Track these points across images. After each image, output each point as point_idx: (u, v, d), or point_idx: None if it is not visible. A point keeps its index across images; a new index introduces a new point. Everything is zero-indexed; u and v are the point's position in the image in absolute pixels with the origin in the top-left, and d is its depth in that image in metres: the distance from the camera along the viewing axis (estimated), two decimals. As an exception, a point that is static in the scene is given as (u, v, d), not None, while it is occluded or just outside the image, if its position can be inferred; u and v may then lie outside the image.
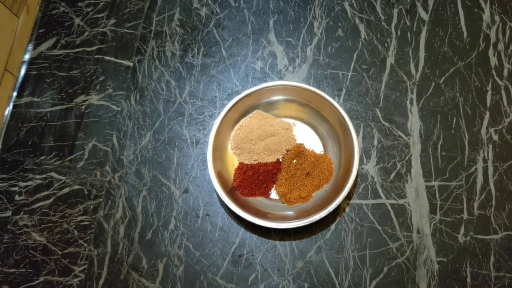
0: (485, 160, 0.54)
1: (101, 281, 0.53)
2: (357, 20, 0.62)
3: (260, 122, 0.56)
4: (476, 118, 0.56)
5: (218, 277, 0.52)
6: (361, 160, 0.55)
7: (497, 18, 0.61)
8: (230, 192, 0.52)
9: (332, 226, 0.53)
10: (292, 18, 0.63)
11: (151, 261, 0.53)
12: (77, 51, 0.64)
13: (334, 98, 0.54)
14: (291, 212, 0.52)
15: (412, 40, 0.61)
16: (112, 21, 0.65)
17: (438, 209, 0.52)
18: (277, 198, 0.54)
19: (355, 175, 0.50)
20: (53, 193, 0.57)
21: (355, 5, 0.63)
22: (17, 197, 0.57)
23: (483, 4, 0.61)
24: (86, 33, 0.65)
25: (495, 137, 0.55)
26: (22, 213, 0.56)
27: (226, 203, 0.50)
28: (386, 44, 0.61)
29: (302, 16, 0.63)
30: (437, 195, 0.53)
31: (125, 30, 0.64)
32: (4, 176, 0.58)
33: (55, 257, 0.54)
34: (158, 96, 0.61)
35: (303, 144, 0.55)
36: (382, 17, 0.62)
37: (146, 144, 0.58)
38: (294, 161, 0.54)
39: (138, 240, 0.54)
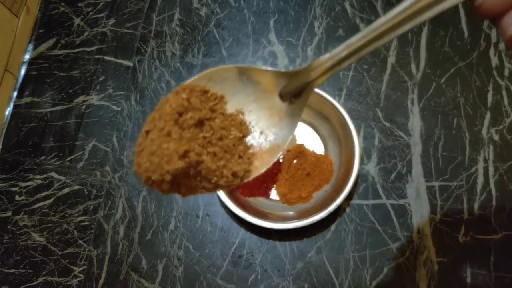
0: (485, 160, 0.54)
1: (101, 282, 0.53)
2: (357, 20, 0.62)
3: (260, 122, 0.55)
4: (477, 118, 0.56)
5: (218, 278, 0.52)
6: (361, 160, 0.55)
7: (498, 17, 0.61)
8: (230, 193, 0.52)
9: (333, 227, 0.53)
10: (293, 18, 0.63)
11: (150, 261, 0.53)
12: (77, 51, 0.64)
13: (334, 98, 0.53)
14: (291, 213, 0.52)
15: (412, 40, 0.60)
16: (112, 21, 0.65)
17: (438, 209, 0.52)
18: (277, 198, 0.54)
19: (355, 175, 0.49)
20: (53, 193, 0.57)
21: (355, 5, 0.63)
22: (17, 197, 0.57)
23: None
24: (86, 33, 0.65)
25: (496, 137, 0.55)
26: (22, 213, 0.56)
27: (226, 204, 0.50)
28: (386, 44, 0.60)
29: (302, 16, 0.63)
30: (438, 195, 0.53)
31: (125, 30, 0.64)
32: (4, 176, 0.58)
33: (55, 257, 0.54)
34: (158, 96, 0.61)
35: (303, 145, 0.55)
36: (383, 17, 0.62)
37: (146, 144, 0.58)
38: (295, 161, 0.54)
39: (138, 241, 0.54)
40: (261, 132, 0.25)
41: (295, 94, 0.25)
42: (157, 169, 0.22)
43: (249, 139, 0.25)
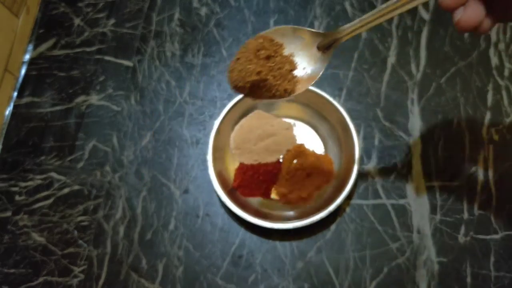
0: (485, 160, 0.54)
1: (101, 282, 0.53)
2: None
3: (260, 122, 0.56)
4: (477, 118, 0.56)
5: (218, 278, 0.52)
6: (361, 160, 0.55)
7: (498, 17, 0.61)
8: (230, 193, 0.52)
9: (333, 226, 0.53)
10: (293, 18, 0.63)
11: (150, 261, 0.53)
12: (77, 51, 0.64)
13: (334, 98, 0.53)
14: (291, 213, 0.52)
15: (413, 40, 0.60)
16: (112, 21, 0.65)
17: (438, 209, 0.52)
18: (278, 198, 0.54)
19: (355, 175, 0.50)
20: (53, 193, 0.57)
21: (355, 4, 0.63)
22: (17, 197, 0.57)
23: (484, 4, 0.61)
24: (86, 33, 0.65)
25: (496, 137, 0.55)
26: (22, 213, 0.56)
27: (226, 204, 0.50)
28: (386, 44, 0.60)
29: (302, 16, 0.63)
30: (438, 195, 0.53)
31: (125, 30, 0.64)
32: (4, 176, 0.58)
33: (55, 257, 0.54)
34: (158, 96, 0.61)
35: (303, 144, 0.55)
36: (383, 17, 0.62)
37: (146, 144, 0.58)
38: (295, 161, 0.54)
39: (138, 241, 0.54)
40: (303, 68, 0.38)
41: (327, 47, 0.37)
42: (242, 80, 0.36)
43: (295, 72, 0.38)
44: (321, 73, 0.38)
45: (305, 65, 0.38)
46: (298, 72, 0.38)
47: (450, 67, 0.59)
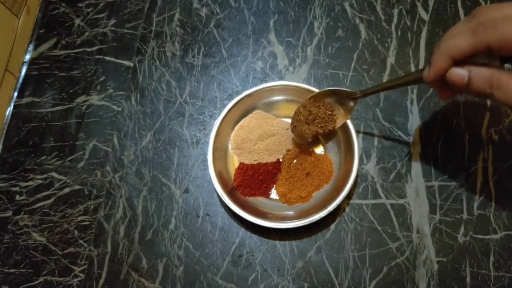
0: (485, 160, 0.54)
1: (101, 281, 0.53)
2: (357, 20, 0.62)
3: (260, 122, 0.56)
4: (476, 118, 0.56)
5: (218, 277, 0.52)
6: (361, 160, 0.55)
7: (497, 18, 0.61)
8: (230, 192, 0.52)
9: (332, 226, 0.53)
10: (292, 18, 0.63)
11: (151, 261, 0.53)
12: (78, 51, 0.64)
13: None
14: (291, 212, 0.52)
15: (412, 40, 0.61)
16: (112, 21, 0.65)
17: (438, 209, 0.53)
18: (277, 198, 0.54)
19: (355, 175, 0.50)
20: (54, 193, 0.57)
21: (355, 5, 0.63)
22: (17, 197, 0.57)
23: (483, 4, 0.61)
24: (86, 34, 0.65)
25: (495, 137, 0.55)
26: (22, 213, 0.56)
27: (226, 203, 0.50)
28: (386, 44, 0.61)
29: (302, 16, 0.63)
30: (437, 195, 0.53)
31: (125, 31, 0.65)
32: (4, 176, 0.58)
33: (55, 257, 0.54)
34: (158, 96, 0.61)
35: (303, 144, 0.55)
36: (383, 17, 0.62)
37: (146, 144, 0.58)
38: (294, 161, 0.54)
39: (138, 240, 0.54)
40: (339, 110, 0.51)
41: (353, 99, 0.50)
42: (302, 139, 0.54)
43: (334, 112, 0.51)
44: (353, 111, 0.51)
45: (339, 107, 0.52)
46: (335, 112, 0.52)
47: (450, 68, 0.59)
